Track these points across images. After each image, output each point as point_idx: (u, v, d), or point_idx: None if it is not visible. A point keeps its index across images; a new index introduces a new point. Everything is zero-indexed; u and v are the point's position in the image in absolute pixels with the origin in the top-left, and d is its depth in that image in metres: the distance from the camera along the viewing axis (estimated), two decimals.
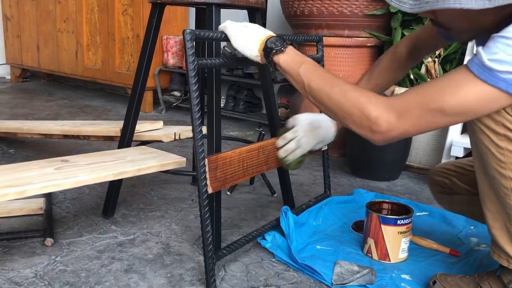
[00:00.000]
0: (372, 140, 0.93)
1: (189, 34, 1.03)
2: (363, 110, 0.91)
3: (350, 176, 2.12)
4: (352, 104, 0.92)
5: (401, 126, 0.88)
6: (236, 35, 1.08)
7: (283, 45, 1.04)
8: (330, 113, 0.99)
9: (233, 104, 3.15)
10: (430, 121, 0.86)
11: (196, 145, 1.06)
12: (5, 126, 2.20)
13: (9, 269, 1.19)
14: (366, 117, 0.90)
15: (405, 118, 0.87)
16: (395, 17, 2.21)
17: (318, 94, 0.99)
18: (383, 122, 0.88)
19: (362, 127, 0.92)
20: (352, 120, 0.93)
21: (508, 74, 0.78)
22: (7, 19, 4.67)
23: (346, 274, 1.19)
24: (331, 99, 0.96)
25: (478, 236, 1.46)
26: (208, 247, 1.10)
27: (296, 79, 1.02)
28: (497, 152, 0.90)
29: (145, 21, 3.21)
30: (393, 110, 0.88)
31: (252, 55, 1.07)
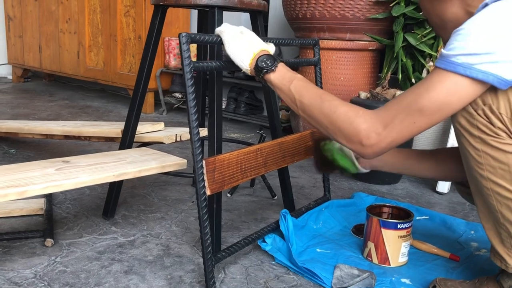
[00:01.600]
0: (363, 155, 0.96)
1: (184, 37, 1.04)
2: (352, 122, 0.95)
3: (350, 179, 2.12)
4: (342, 119, 0.96)
5: (388, 135, 0.92)
6: (230, 42, 1.10)
7: (274, 65, 1.07)
8: (321, 128, 1.02)
9: (234, 106, 3.16)
10: (413, 124, 0.90)
11: (193, 147, 1.07)
12: (6, 126, 2.20)
13: (9, 269, 1.19)
14: (356, 131, 0.94)
15: (390, 126, 0.91)
16: (397, 21, 2.21)
17: (309, 109, 1.02)
18: (371, 134, 0.92)
19: (352, 142, 0.95)
20: (342, 135, 0.97)
21: (460, 56, 0.84)
22: (10, 19, 4.68)
23: (346, 278, 1.18)
24: (322, 113, 1.00)
25: (478, 241, 1.46)
26: (207, 249, 1.10)
27: (288, 94, 1.05)
28: (475, 154, 0.94)
29: (147, 23, 3.22)
30: (379, 120, 0.92)
31: (243, 67, 1.11)
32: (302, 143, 1.48)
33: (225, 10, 1.37)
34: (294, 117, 2.57)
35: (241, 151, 1.22)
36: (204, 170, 1.09)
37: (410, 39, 2.16)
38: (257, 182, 1.96)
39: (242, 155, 1.22)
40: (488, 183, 0.94)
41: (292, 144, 1.43)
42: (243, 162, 1.22)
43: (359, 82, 2.38)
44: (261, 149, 1.29)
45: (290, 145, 1.42)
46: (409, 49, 2.21)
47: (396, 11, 2.15)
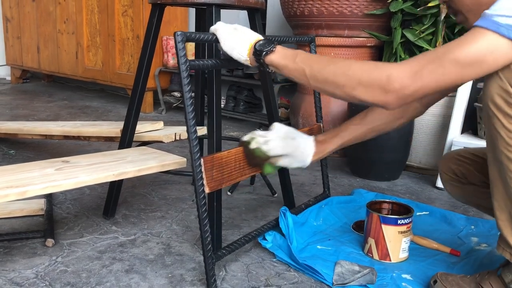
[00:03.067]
0: (386, 104, 0.92)
1: (180, 36, 1.04)
2: (372, 72, 0.91)
3: (350, 176, 2.12)
4: (360, 71, 0.93)
5: (414, 83, 0.88)
6: (226, 38, 1.10)
7: (272, 46, 1.06)
8: (337, 91, 0.97)
9: (234, 105, 3.16)
10: (441, 76, 0.87)
11: (191, 145, 1.07)
12: (5, 127, 2.20)
13: (10, 270, 1.20)
14: (378, 78, 0.90)
15: (418, 74, 0.88)
16: (395, 17, 2.21)
17: (321, 74, 0.98)
18: (396, 79, 0.89)
19: (373, 90, 0.91)
20: (362, 88, 0.92)
21: (505, 18, 0.83)
22: (8, 20, 4.68)
23: (347, 274, 1.19)
24: (336, 73, 0.96)
25: (479, 236, 1.46)
26: (207, 246, 1.11)
27: (294, 68, 1.03)
28: (506, 136, 0.91)
29: (145, 22, 3.21)
30: (405, 68, 0.89)
31: (241, 59, 1.10)
32: None
33: (223, 8, 1.37)
34: (293, 115, 2.57)
35: (239, 149, 1.22)
36: (202, 168, 1.09)
37: (408, 35, 2.16)
38: (257, 180, 1.96)
39: (240, 153, 1.22)
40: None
41: None
42: (242, 160, 1.22)
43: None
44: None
45: None
46: (408, 45, 2.21)
47: (394, 7, 2.15)
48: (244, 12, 1.57)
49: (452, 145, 1.95)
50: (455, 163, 1.28)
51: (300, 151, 1.21)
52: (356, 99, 0.95)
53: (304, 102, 2.47)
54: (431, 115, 2.13)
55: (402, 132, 2.00)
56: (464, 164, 1.26)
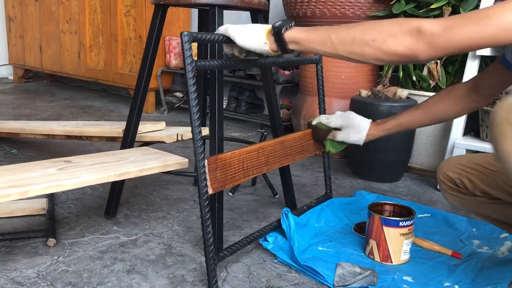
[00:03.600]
0: (416, 52, 0.90)
1: (186, 36, 1.03)
2: (403, 22, 0.91)
3: (352, 177, 2.12)
4: (391, 24, 0.92)
5: (445, 34, 0.87)
6: (239, 34, 1.08)
7: (291, 22, 1.04)
8: (365, 47, 0.95)
9: (235, 105, 3.16)
10: (475, 33, 0.85)
11: (195, 146, 1.06)
12: (8, 127, 2.20)
13: (11, 269, 1.20)
14: (409, 27, 0.89)
15: (450, 27, 0.87)
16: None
17: (348, 34, 0.96)
18: (427, 29, 0.88)
19: (404, 39, 0.90)
20: (393, 39, 0.91)
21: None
22: (10, 20, 4.69)
23: (348, 276, 1.19)
24: (365, 30, 0.95)
25: (480, 239, 1.46)
26: (209, 248, 1.10)
27: (318, 37, 1.00)
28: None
29: (147, 22, 3.22)
30: (437, 21, 0.89)
31: (260, 44, 1.07)
32: (303, 141, 1.48)
33: (226, 9, 1.37)
34: (295, 116, 2.57)
35: (242, 150, 1.22)
36: (206, 169, 1.08)
37: None
38: (258, 181, 1.96)
39: (244, 154, 1.22)
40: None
41: (294, 142, 1.43)
42: (245, 161, 1.22)
43: (360, 80, 2.38)
44: (262, 148, 1.29)
45: (292, 143, 1.42)
46: None
47: (397, 9, 2.15)
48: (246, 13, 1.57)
49: (454, 147, 1.95)
50: (455, 172, 1.24)
51: (357, 123, 1.37)
52: (386, 53, 0.93)
53: (306, 103, 2.47)
54: None
55: (403, 134, 1.99)
56: (465, 174, 1.22)
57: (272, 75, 1.55)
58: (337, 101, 2.37)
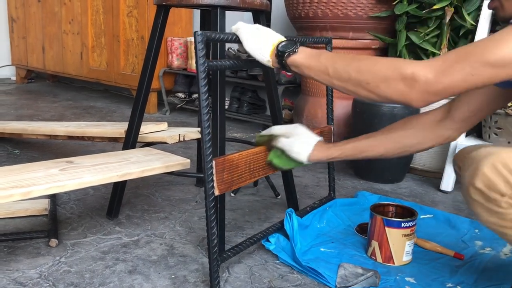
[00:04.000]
0: (410, 101, 0.88)
1: (200, 35, 1.02)
2: (398, 68, 0.88)
3: (354, 178, 2.12)
4: (385, 68, 0.90)
5: (439, 81, 0.84)
6: (248, 38, 1.08)
7: (295, 47, 1.04)
8: (359, 88, 0.94)
9: (237, 106, 3.16)
10: (470, 76, 0.82)
11: (204, 147, 1.06)
12: (10, 127, 2.21)
13: (14, 270, 1.20)
14: (402, 74, 0.87)
15: (444, 72, 0.84)
16: (400, 19, 2.20)
17: (345, 71, 0.96)
18: (420, 77, 0.85)
19: (397, 86, 0.88)
20: (386, 84, 0.89)
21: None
22: (13, 21, 4.70)
23: (350, 277, 1.18)
24: (361, 70, 0.94)
25: (483, 240, 1.46)
26: (213, 249, 1.10)
27: (318, 67, 1.00)
28: None
29: (150, 23, 3.22)
30: (431, 67, 0.86)
31: (264, 60, 1.08)
32: None
33: (228, 9, 1.37)
34: (297, 117, 2.57)
35: (250, 151, 1.21)
36: (214, 170, 1.08)
37: (413, 37, 2.15)
38: (260, 182, 1.96)
39: (251, 155, 1.21)
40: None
41: None
42: (252, 162, 1.22)
43: None
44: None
45: None
46: (412, 48, 2.21)
47: (399, 9, 2.15)
48: (248, 14, 1.57)
49: (457, 148, 1.94)
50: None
51: (304, 134, 1.22)
52: (379, 97, 0.92)
53: (308, 104, 2.47)
54: None
55: None
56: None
57: (274, 76, 1.55)
58: (339, 101, 2.36)
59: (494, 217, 0.89)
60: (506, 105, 1.85)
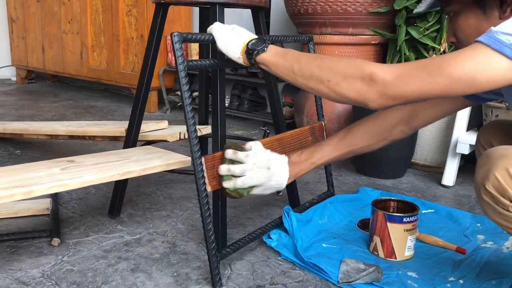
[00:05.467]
0: (367, 101, 0.90)
1: (176, 36, 1.06)
2: (359, 67, 0.90)
3: (355, 174, 2.12)
4: (346, 66, 0.92)
5: (396, 84, 0.86)
6: (221, 37, 1.10)
7: (264, 45, 1.06)
8: (321, 86, 0.96)
9: (238, 103, 3.16)
10: (427, 84, 0.84)
11: (191, 144, 1.07)
12: (11, 127, 2.21)
13: (16, 269, 1.20)
14: (362, 73, 0.89)
15: (402, 76, 0.86)
16: (399, 14, 2.20)
17: (308, 68, 0.98)
18: (379, 78, 0.87)
19: (355, 85, 0.90)
20: (346, 83, 0.91)
21: (509, 36, 0.80)
22: (13, 21, 4.70)
23: (352, 272, 1.19)
24: (322, 68, 0.96)
25: (485, 234, 1.46)
26: (211, 245, 1.11)
27: (283, 65, 1.03)
28: None
29: (149, 22, 3.22)
30: (390, 68, 0.88)
31: (235, 57, 1.10)
32: (301, 138, 1.48)
33: (227, 6, 1.37)
34: (297, 113, 2.57)
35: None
36: (204, 167, 1.09)
37: (412, 32, 2.15)
38: None
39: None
40: None
41: (292, 139, 1.43)
42: None
43: None
44: None
45: (290, 140, 1.42)
46: (412, 43, 2.20)
47: (398, 5, 2.14)
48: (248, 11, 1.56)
49: (458, 143, 1.94)
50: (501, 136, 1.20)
51: (275, 179, 1.16)
52: (339, 95, 0.94)
53: (308, 101, 2.47)
54: None
55: None
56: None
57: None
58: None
59: (501, 218, 0.91)
60: None
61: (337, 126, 2.36)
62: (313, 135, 1.55)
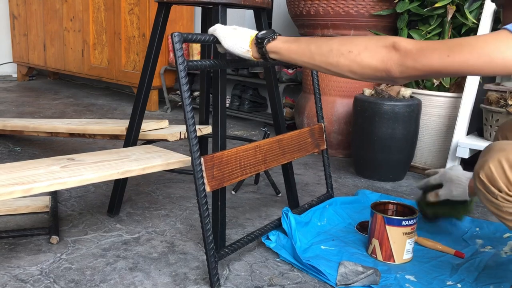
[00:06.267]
0: (390, 68, 0.90)
1: (177, 37, 1.06)
2: (381, 38, 0.92)
3: (355, 176, 2.12)
4: (368, 39, 0.94)
5: (417, 55, 0.88)
6: (226, 37, 1.11)
7: (274, 34, 1.06)
8: (341, 58, 0.96)
9: (238, 104, 3.16)
10: (446, 57, 0.86)
11: (191, 144, 1.07)
12: (11, 124, 2.21)
13: (15, 266, 1.20)
14: (385, 43, 0.91)
15: (423, 49, 0.87)
16: (402, 17, 2.20)
17: (326, 44, 0.98)
18: (401, 46, 0.89)
19: (379, 53, 0.91)
20: (368, 51, 0.92)
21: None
22: (14, 18, 4.70)
23: (351, 275, 1.19)
24: (343, 42, 0.96)
25: (484, 238, 1.46)
26: (209, 245, 1.11)
27: (298, 47, 1.03)
28: None
29: (151, 21, 3.22)
30: (413, 41, 0.90)
31: (243, 51, 1.10)
32: (301, 140, 1.48)
33: (229, 7, 1.37)
34: (298, 115, 2.57)
35: (239, 148, 1.22)
36: (203, 167, 1.09)
37: (414, 35, 2.15)
38: (261, 179, 1.96)
39: (241, 152, 1.22)
40: None
41: (292, 141, 1.43)
42: (242, 159, 1.23)
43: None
44: (260, 146, 1.30)
45: (290, 142, 1.43)
46: None
47: (401, 8, 2.14)
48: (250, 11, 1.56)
49: (458, 146, 1.95)
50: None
51: (454, 176, 1.37)
52: (360, 65, 0.93)
53: (309, 102, 2.47)
54: (437, 116, 2.12)
55: (406, 132, 1.99)
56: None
57: (275, 74, 1.55)
58: (340, 100, 2.36)
59: (492, 206, 0.98)
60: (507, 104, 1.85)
61: (337, 128, 2.37)
62: (313, 137, 1.55)
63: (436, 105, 2.12)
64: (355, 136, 2.11)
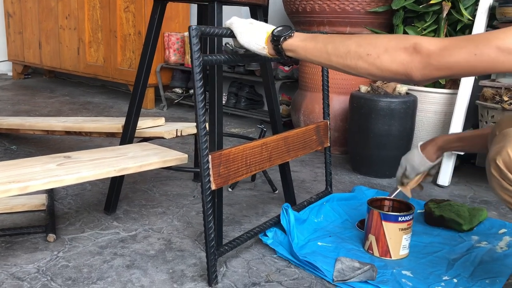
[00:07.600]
0: (411, 72, 0.87)
1: (194, 30, 1.03)
2: (401, 39, 0.88)
3: (351, 173, 2.12)
4: (387, 39, 0.90)
5: (441, 54, 0.84)
6: (242, 32, 1.09)
7: (291, 31, 1.04)
8: (360, 61, 0.93)
9: (235, 101, 3.16)
10: (473, 56, 0.82)
11: (200, 141, 1.06)
12: (7, 123, 2.20)
13: (11, 265, 1.20)
14: (405, 45, 0.87)
15: (447, 48, 0.84)
16: (397, 14, 2.20)
17: (344, 45, 0.95)
18: (423, 48, 0.85)
19: (399, 56, 0.87)
20: (387, 55, 0.88)
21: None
22: (9, 16, 4.68)
23: (347, 271, 1.19)
24: (361, 43, 0.93)
25: (479, 234, 1.46)
26: (210, 243, 1.11)
27: (315, 47, 1.00)
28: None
29: (147, 18, 3.21)
30: (436, 41, 0.86)
31: (259, 48, 1.08)
32: (306, 137, 1.48)
33: (225, 4, 1.37)
34: (294, 112, 2.57)
35: (246, 146, 1.22)
36: (210, 164, 1.08)
37: (410, 32, 2.15)
38: (258, 177, 1.96)
39: (247, 150, 1.21)
40: None
41: (297, 138, 1.43)
42: (248, 156, 1.22)
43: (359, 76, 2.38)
44: (266, 144, 1.29)
45: (295, 139, 1.42)
46: None
47: (396, 4, 2.15)
48: (246, 8, 1.56)
49: None
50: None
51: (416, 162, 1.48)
52: (379, 69, 0.90)
53: (305, 99, 2.47)
54: (433, 112, 2.13)
55: (402, 129, 1.99)
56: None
57: (271, 71, 1.55)
58: (337, 96, 2.37)
59: (505, 193, 0.95)
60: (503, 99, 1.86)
61: (334, 125, 2.37)
62: (318, 134, 1.55)
63: (432, 101, 2.13)
64: (351, 132, 2.12)
